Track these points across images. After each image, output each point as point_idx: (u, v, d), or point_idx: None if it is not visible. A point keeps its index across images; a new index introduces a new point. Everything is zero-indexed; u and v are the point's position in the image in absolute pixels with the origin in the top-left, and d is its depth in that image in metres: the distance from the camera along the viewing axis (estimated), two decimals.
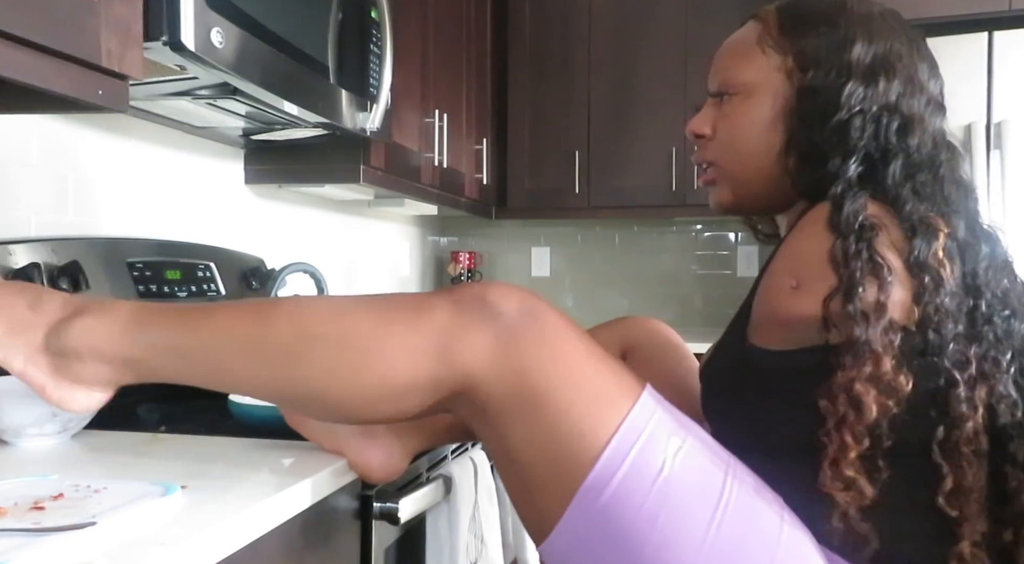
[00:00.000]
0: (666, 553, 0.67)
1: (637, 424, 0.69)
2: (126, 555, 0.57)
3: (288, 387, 0.73)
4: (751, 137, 0.90)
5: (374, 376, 0.70)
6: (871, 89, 0.84)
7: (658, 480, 0.68)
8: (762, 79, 0.89)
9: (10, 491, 0.70)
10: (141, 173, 1.54)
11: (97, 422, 0.94)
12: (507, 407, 0.69)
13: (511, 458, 0.72)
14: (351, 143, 1.76)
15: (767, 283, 0.81)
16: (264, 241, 1.94)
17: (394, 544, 1.00)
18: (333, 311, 0.73)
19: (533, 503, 0.73)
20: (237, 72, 1.15)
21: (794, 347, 0.77)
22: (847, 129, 0.82)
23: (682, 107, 2.66)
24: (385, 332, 0.70)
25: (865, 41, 0.85)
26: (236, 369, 0.74)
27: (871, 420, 0.71)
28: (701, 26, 2.66)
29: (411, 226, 2.94)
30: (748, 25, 0.94)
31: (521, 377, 0.68)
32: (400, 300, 0.73)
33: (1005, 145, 2.08)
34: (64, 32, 0.80)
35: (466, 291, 0.71)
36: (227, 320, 0.75)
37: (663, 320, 1.16)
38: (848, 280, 0.72)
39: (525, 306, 0.70)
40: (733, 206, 0.96)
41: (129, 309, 0.77)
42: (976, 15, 2.13)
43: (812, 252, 0.76)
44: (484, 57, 2.68)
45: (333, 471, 0.82)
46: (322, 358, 0.71)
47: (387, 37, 1.59)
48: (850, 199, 0.76)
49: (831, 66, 0.85)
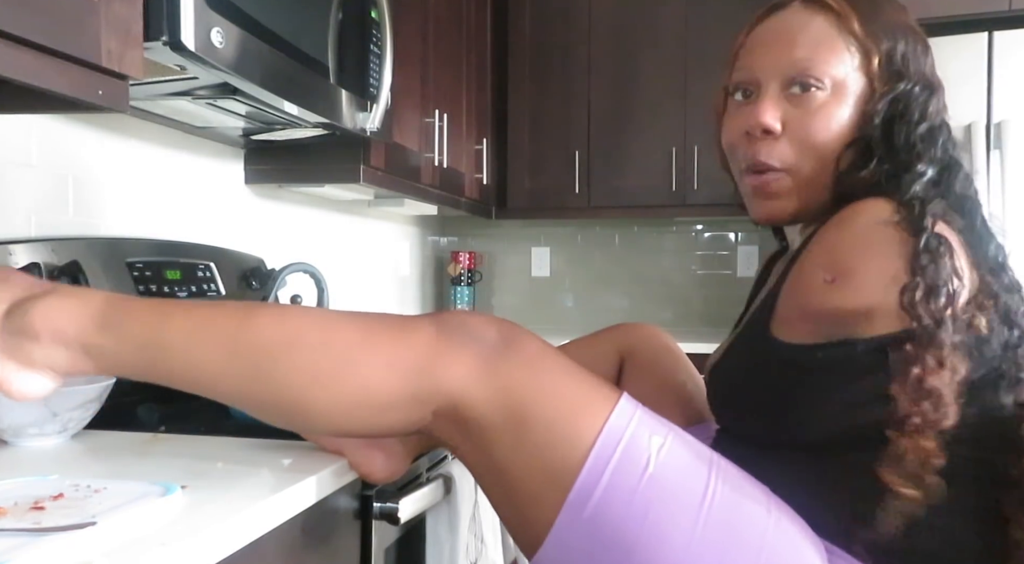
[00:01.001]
0: (657, 549, 0.68)
1: (618, 425, 0.71)
2: (126, 555, 0.57)
3: (263, 391, 0.72)
4: (831, 138, 0.85)
5: (354, 387, 0.70)
6: (938, 99, 0.86)
7: (644, 477, 0.69)
8: (848, 77, 0.85)
9: (10, 491, 0.70)
10: (141, 173, 1.54)
11: (97, 422, 0.94)
12: (492, 423, 0.71)
13: (499, 474, 0.73)
14: (351, 143, 1.76)
15: (798, 278, 0.81)
16: (264, 241, 1.94)
17: (394, 544, 1.00)
18: (319, 319, 0.74)
19: (524, 516, 0.73)
20: (237, 72, 1.15)
21: (823, 340, 0.77)
22: (933, 138, 0.83)
23: (682, 107, 2.67)
24: (370, 344, 0.71)
25: (926, 51, 0.88)
26: (210, 368, 0.72)
27: (949, 419, 0.70)
28: (701, 26, 2.66)
29: (411, 226, 2.94)
30: (813, 14, 0.87)
31: (505, 393, 0.70)
32: (386, 317, 0.74)
33: (1005, 145, 2.08)
34: (64, 32, 0.80)
35: (449, 316, 0.74)
36: (207, 317, 0.73)
37: (663, 320, 1.17)
38: (933, 278, 0.71)
39: (504, 332, 0.73)
40: (793, 217, 0.90)
41: (103, 297, 0.76)
42: (976, 15, 2.12)
43: (843, 247, 0.76)
44: (484, 57, 2.68)
45: (333, 471, 0.82)
46: (304, 363, 0.70)
47: (387, 37, 1.59)
48: (932, 203, 0.76)
49: (915, 75, 0.85)
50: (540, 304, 3.17)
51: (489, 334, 0.72)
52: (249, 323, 0.72)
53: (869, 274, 0.74)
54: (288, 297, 1.74)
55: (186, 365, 0.73)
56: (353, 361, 0.71)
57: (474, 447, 0.73)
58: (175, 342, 0.72)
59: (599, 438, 0.70)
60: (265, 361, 0.71)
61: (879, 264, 0.74)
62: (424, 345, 0.71)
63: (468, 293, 3.05)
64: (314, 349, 0.71)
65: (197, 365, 0.72)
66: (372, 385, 0.70)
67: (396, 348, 0.71)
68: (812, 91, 0.85)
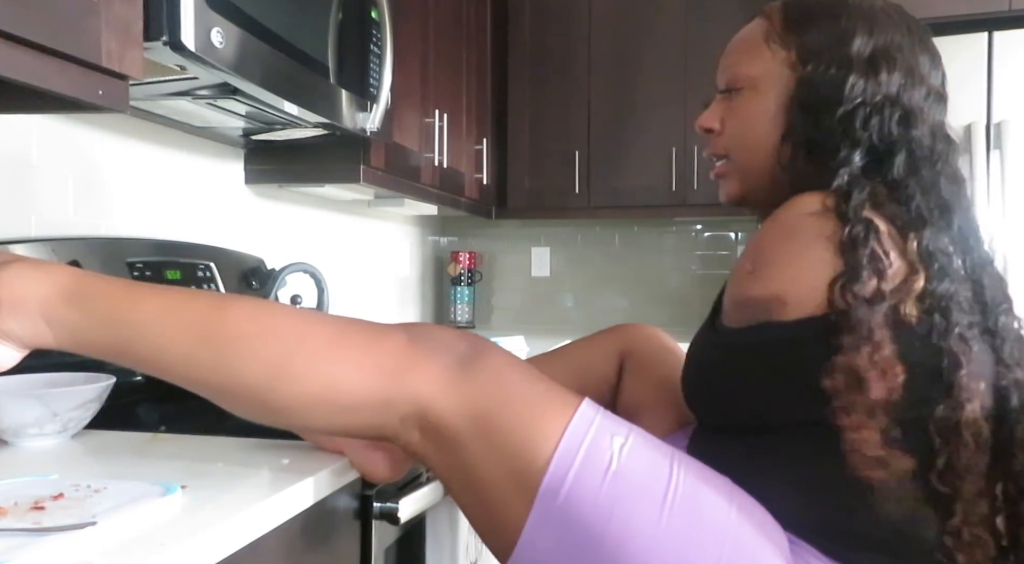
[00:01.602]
0: (624, 544, 0.70)
1: (581, 427, 0.73)
2: (126, 555, 0.57)
3: (228, 378, 0.72)
4: (758, 130, 0.92)
5: (321, 385, 0.72)
6: (872, 81, 0.86)
7: (608, 474, 0.71)
8: (768, 73, 0.91)
9: (10, 491, 0.70)
10: (141, 173, 1.55)
11: (97, 422, 0.94)
12: (459, 431, 0.73)
13: (468, 479, 0.75)
14: (351, 143, 1.76)
15: (733, 268, 0.85)
16: (264, 241, 1.94)
17: (394, 544, 1.00)
18: (294, 316, 0.75)
19: (494, 520, 0.75)
20: (237, 72, 1.15)
21: (748, 324, 0.81)
22: (851, 121, 0.84)
23: (682, 107, 2.66)
24: (342, 345, 0.73)
25: (865, 34, 0.87)
26: (177, 352, 0.72)
27: (879, 398, 0.73)
28: (701, 26, 2.66)
29: (411, 226, 2.94)
30: (754, 22, 0.96)
31: (471, 401, 0.72)
32: (361, 322, 0.76)
33: (1005, 145, 2.08)
34: (64, 32, 0.80)
35: (422, 327, 0.77)
36: (180, 302, 0.74)
37: (663, 320, 1.17)
38: (854, 267, 0.74)
39: (473, 345, 0.76)
40: (741, 198, 0.98)
41: (72, 272, 0.75)
42: (976, 15, 2.13)
43: (766, 239, 0.81)
44: (484, 57, 2.68)
45: (333, 471, 0.82)
46: (272, 356, 0.71)
47: (387, 37, 1.59)
48: (858, 189, 0.78)
49: (832, 59, 0.87)
50: (540, 304, 3.17)
51: (459, 347, 0.75)
52: (223, 312, 0.73)
53: (781, 264, 0.79)
54: (288, 297, 1.74)
55: (152, 347, 0.72)
56: (323, 359, 0.72)
57: (442, 455, 0.75)
58: (143, 323, 0.72)
59: (562, 440, 0.72)
60: (233, 349, 0.71)
61: (793, 254, 0.79)
62: (395, 351, 0.73)
63: (468, 293, 3.05)
64: (285, 343, 0.72)
65: (164, 348, 0.72)
66: (339, 385, 0.72)
67: (368, 351, 0.73)
68: (739, 91, 0.94)
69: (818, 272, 0.76)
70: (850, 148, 0.83)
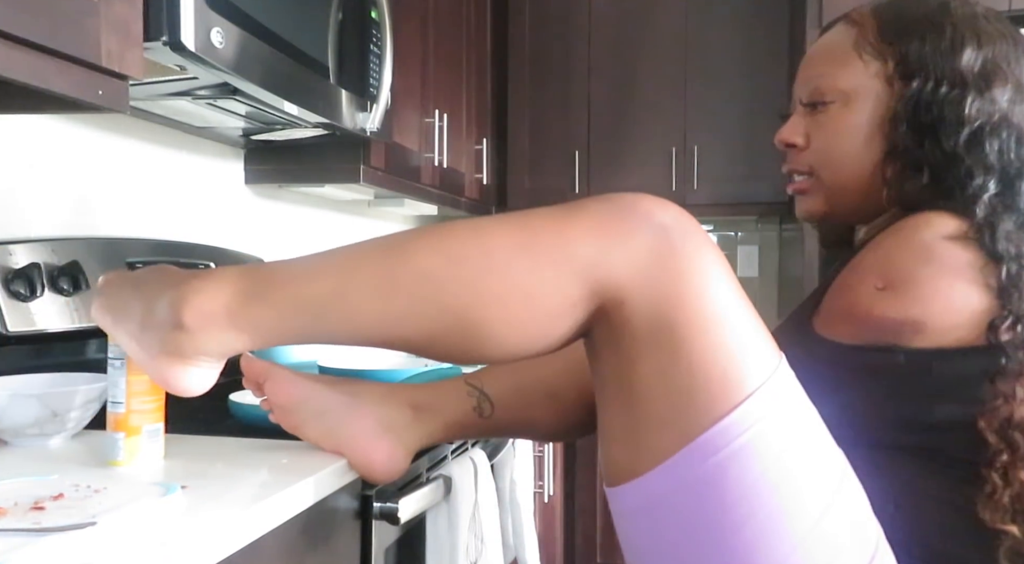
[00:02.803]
0: (761, 539, 0.63)
1: (772, 392, 0.64)
2: (126, 555, 0.57)
3: (426, 323, 0.66)
4: (850, 147, 0.88)
5: (521, 298, 0.65)
6: (987, 98, 0.81)
7: (781, 457, 0.63)
8: (860, 86, 0.86)
9: (10, 491, 0.70)
10: (141, 173, 1.54)
11: (97, 422, 0.94)
12: (645, 336, 0.64)
13: (629, 389, 0.66)
14: (351, 143, 1.76)
15: (848, 279, 0.80)
16: (264, 241, 1.94)
17: (394, 544, 1.00)
18: (475, 229, 0.68)
19: (634, 440, 0.67)
20: (237, 72, 1.15)
21: (865, 343, 0.76)
22: (978, 144, 0.80)
23: (682, 107, 2.67)
24: (531, 245, 0.65)
25: (973, 45, 0.82)
26: (370, 313, 0.67)
27: None
28: (701, 27, 2.65)
29: (411, 226, 2.94)
30: (840, 28, 0.90)
31: (670, 306, 0.64)
32: (544, 212, 0.68)
33: None
34: (64, 32, 0.80)
35: (617, 197, 0.67)
36: (354, 258, 0.69)
37: None
38: (1019, 307, 0.70)
39: (681, 222, 0.66)
40: (825, 216, 0.94)
41: (235, 271, 0.71)
42: None
43: (898, 256, 0.76)
44: (484, 57, 2.68)
45: (333, 471, 0.82)
46: (464, 283, 0.65)
47: (387, 37, 1.59)
48: (1003, 220, 0.74)
49: (942, 73, 0.82)
50: None
51: (666, 218, 0.65)
52: (401, 254, 0.68)
53: (926, 287, 0.73)
54: None
55: (342, 316, 0.68)
56: (516, 270, 0.64)
57: (617, 356, 0.67)
58: (326, 295, 0.68)
59: (750, 398, 0.63)
60: (426, 288, 0.66)
61: (935, 279, 0.74)
62: (589, 236, 0.64)
63: None
64: (473, 265, 0.65)
65: (354, 313, 0.67)
66: (540, 290, 0.64)
67: (559, 245, 0.64)
68: (826, 105, 0.89)
69: (964, 304, 0.72)
70: (984, 174, 0.79)
